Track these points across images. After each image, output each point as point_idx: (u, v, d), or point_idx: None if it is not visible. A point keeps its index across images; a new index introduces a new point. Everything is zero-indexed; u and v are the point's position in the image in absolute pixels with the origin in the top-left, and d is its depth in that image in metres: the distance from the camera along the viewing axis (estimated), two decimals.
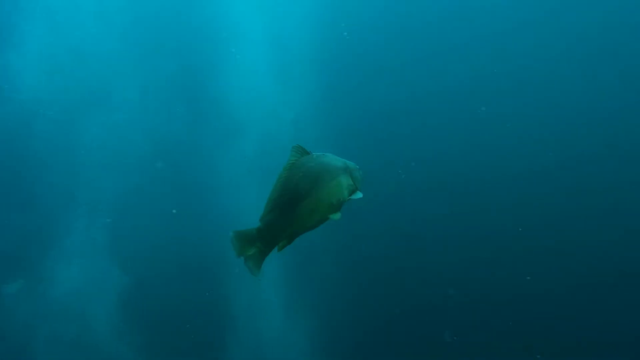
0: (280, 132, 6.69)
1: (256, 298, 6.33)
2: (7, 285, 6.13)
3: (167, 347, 6.32)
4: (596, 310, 5.89)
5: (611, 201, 6.09)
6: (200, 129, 6.98)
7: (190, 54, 7.26)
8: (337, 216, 2.01)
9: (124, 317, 6.26)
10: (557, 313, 5.96)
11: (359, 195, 2.09)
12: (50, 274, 6.20)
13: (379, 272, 6.40)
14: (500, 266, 6.24)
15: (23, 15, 6.89)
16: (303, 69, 6.94)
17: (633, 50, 6.26)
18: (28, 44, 6.83)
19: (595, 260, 6.03)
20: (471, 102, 6.71)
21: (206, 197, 6.73)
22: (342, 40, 7.06)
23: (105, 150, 6.76)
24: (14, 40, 6.79)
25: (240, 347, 6.20)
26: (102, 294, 6.29)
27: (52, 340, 6.03)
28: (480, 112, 6.52)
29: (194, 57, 7.25)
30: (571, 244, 6.11)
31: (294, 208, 1.94)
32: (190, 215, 6.77)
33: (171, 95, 7.06)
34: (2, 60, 6.74)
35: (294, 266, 6.14)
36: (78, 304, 6.16)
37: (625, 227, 6.00)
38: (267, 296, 6.34)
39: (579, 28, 6.51)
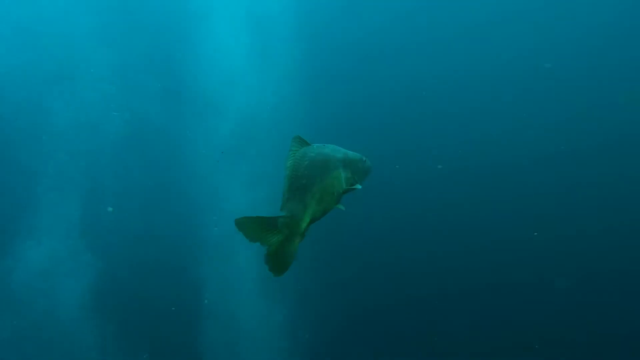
0: (259, 115, 6.47)
1: (231, 286, 6.19)
2: None
3: (140, 336, 6.18)
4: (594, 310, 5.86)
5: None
6: (175, 110, 6.72)
7: (166, 30, 6.93)
8: (342, 206, 2.12)
9: (93, 301, 6.08)
10: (549, 311, 5.94)
11: (358, 186, 2.17)
12: (17, 257, 5.98)
13: (364, 265, 6.33)
14: (492, 261, 6.20)
15: None
16: (285, 47, 6.65)
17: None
18: None
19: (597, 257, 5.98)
20: (468, 90, 6.60)
21: (181, 180, 6.52)
22: (327, 16, 6.82)
23: (75, 130, 6.44)
24: None
25: (214, 337, 6.08)
26: (71, 279, 6.10)
27: (16, 324, 5.86)
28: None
29: (169, 33, 6.92)
30: (568, 241, 6.05)
31: (305, 195, 2.00)
32: (165, 198, 6.59)
33: (145, 73, 6.75)
34: None
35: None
36: (45, 287, 5.99)
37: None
38: (243, 285, 6.19)
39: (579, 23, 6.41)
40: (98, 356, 5.96)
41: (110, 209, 6.37)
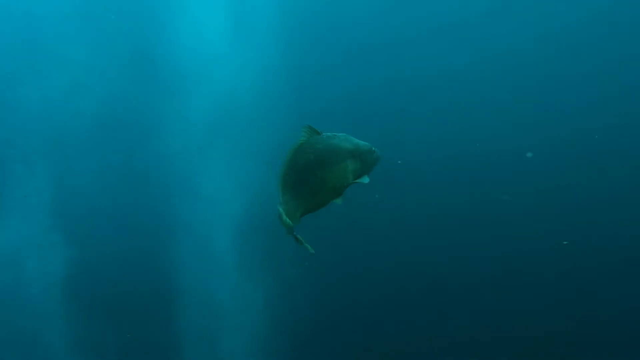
0: (238, 96, 6.23)
1: (207, 273, 6.09)
2: None
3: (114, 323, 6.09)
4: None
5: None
6: (150, 91, 6.47)
7: (140, 7, 6.65)
8: (339, 201, 2.08)
9: (65, 286, 6.04)
10: (550, 311, 5.90)
11: (365, 180, 2.14)
12: None
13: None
14: (492, 260, 6.13)
15: None
16: (266, 22, 6.35)
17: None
18: None
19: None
20: (468, 84, 6.41)
21: (155, 163, 6.32)
22: None
23: (45, 111, 6.26)
24: None
25: (189, 324, 6.02)
26: (41, 264, 6.01)
27: None
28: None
29: (145, 11, 6.63)
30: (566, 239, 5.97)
31: (300, 189, 1.99)
32: (139, 181, 6.44)
33: (117, 53, 6.52)
34: None
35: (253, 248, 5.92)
36: (14, 273, 5.91)
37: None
38: (219, 272, 6.09)
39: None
40: (71, 342, 5.90)
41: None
